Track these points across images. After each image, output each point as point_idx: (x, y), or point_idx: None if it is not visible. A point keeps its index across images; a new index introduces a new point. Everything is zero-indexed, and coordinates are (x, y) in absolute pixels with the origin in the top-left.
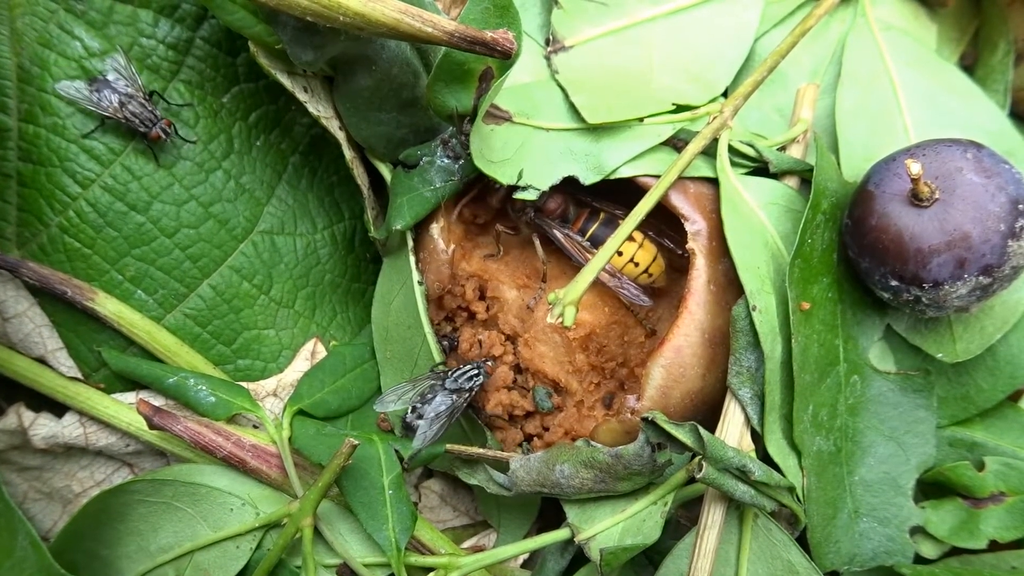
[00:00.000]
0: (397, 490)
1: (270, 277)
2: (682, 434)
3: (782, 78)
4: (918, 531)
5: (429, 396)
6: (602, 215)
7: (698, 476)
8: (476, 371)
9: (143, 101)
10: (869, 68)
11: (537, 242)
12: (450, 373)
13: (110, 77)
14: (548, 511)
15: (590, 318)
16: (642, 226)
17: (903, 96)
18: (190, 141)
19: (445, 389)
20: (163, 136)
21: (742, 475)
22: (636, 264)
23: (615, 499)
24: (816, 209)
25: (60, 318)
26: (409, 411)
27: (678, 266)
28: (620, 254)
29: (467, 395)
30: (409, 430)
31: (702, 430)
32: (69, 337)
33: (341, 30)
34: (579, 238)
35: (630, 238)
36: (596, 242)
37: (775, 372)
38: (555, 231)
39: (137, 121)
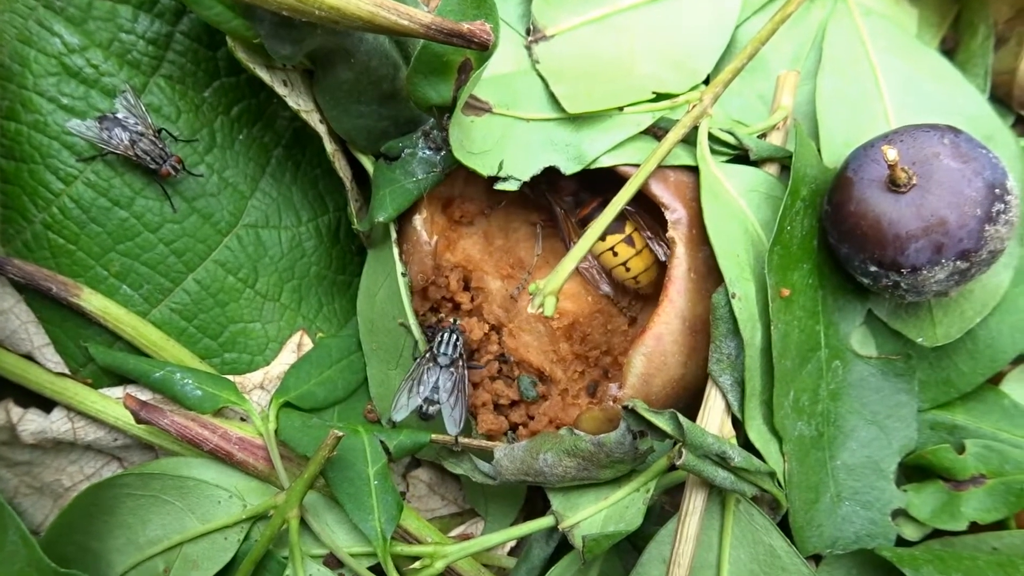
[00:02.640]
0: (383, 480)
1: (255, 270)
2: (662, 422)
3: (763, 65)
4: (900, 514)
5: (430, 381)
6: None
7: (678, 463)
8: (452, 335)
9: (153, 139)
10: (850, 54)
11: (539, 231)
12: (434, 350)
13: (120, 115)
14: (534, 499)
15: (573, 307)
16: (645, 230)
17: (883, 82)
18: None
19: (440, 367)
20: (173, 173)
21: (722, 461)
22: (627, 268)
23: (598, 487)
24: (795, 196)
25: (46, 314)
26: (422, 404)
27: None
28: (615, 254)
29: (462, 360)
30: (429, 419)
31: (681, 417)
32: (56, 333)
33: (318, 24)
34: (579, 227)
35: (631, 243)
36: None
37: (755, 359)
38: (556, 207)
39: (148, 159)
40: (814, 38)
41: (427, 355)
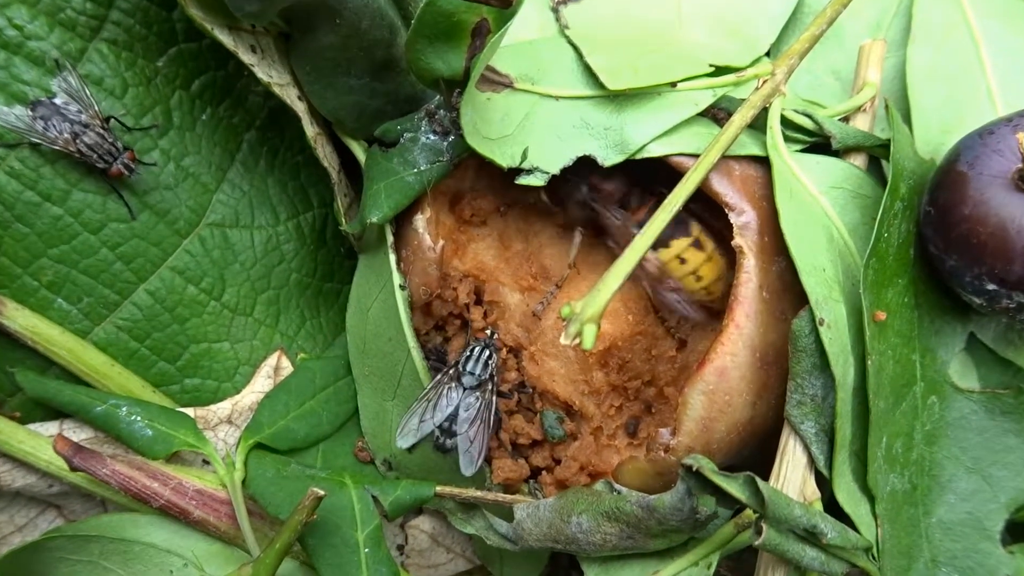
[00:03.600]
0: (375, 548)
1: (222, 279)
2: (735, 488)
3: (837, 34)
4: None
5: (449, 406)
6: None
7: (756, 543)
8: (485, 350)
9: (101, 131)
10: (945, 20)
11: (576, 240)
12: (460, 367)
13: (58, 100)
14: (560, 555)
15: (611, 328)
16: (713, 230)
17: (987, 54)
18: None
19: (465, 388)
20: (126, 173)
21: (810, 537)
22: (699, 278)
23: (645, 557)
24: (895, 195)
25: None
26: (437, 433)
27: None
28: (683, 261)
29: (492, 383)
30: (445, 452)
31: (761, 483)
32: None
33: None
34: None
35: (699, 246)
36: (657, 243)
37: (847, 401)
38: (610, 218)
39: (94, 156)
40: (900, 1)
41: (450, 372)
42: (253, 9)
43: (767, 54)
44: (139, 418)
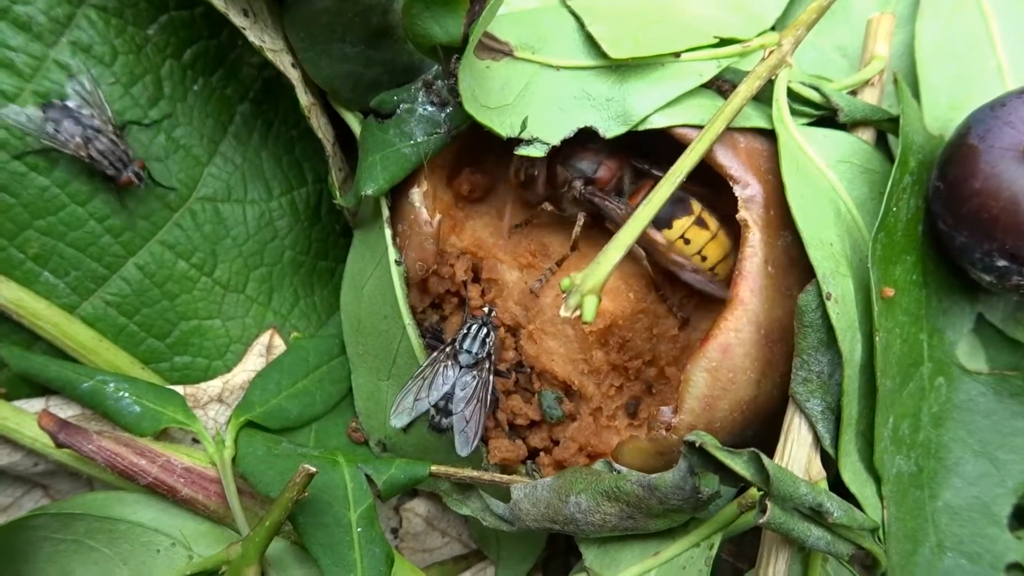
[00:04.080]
0: (368, 527)
1: (214, 255)
2: (739, 465)
3: (844, 7)
4: (1015, 568)
5: (445, 384)
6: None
7: (760, 521)
8: (483, 328)
9: (114, 137)
10: None
11: (580, 222)
12: (457, 345)
13: (71, 103)
14: (557, 538)
15: (611, 306)
16: (718, 209)
17: (996, 29)
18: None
19: (461, 366)
20: (136, 182)
21: (816, 516)
22: (704, 258)
23: (645, 538)
24: (904, 168)
25: None
26: (432, 412)
27: None
28: (687, 242)
29: (489, 362)
30: (441, 432)
31: (766, 459)
32: None
33: None
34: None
35: (702, 224)
36: (660, 223)
37: (854, 379)
38: (612, 208)
39: (106, 163)
40: None
41: (446, 350)
42: None
43: (772, 28)
44: (127, 394)
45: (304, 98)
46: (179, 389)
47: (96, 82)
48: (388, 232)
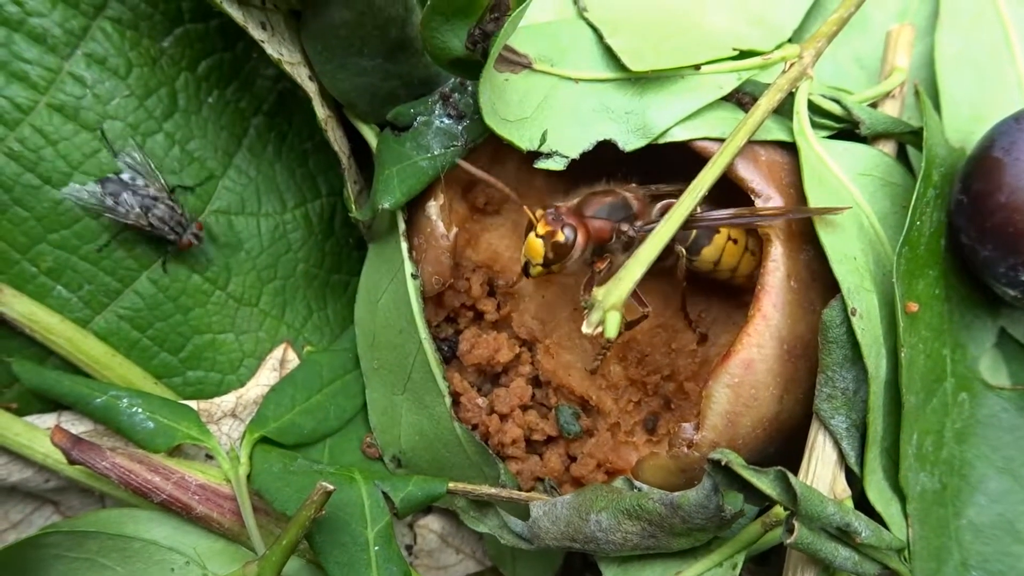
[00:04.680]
0: (385, 545)
1: (227, 268)
2: (766, 484)
3: (862, 19)
4: None
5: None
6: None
7: (788, 542)
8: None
9: (170, 202)
10: (973, 6)
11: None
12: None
13: (125, 176)
14: (573, 555)
15: (629, 320)
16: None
17: (1016, 40)
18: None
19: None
20: (195, 242)
21: (843, 536)
22: (733, 273)
23: (666, 558)
24: (928, 182)
25: None
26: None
27: None
28: (717, 263)
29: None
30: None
31: (792, 478)
32: None
33: None
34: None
35: (732, 240)
36: (694, 248)
37: (879, 395)
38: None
39: (166, 228)
40: None
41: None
42: None
43: (790, 40)
44: (140, 410)
45: (321, 111)
46: (193, 404)
47: (144, 153)
48: (404, 245)
